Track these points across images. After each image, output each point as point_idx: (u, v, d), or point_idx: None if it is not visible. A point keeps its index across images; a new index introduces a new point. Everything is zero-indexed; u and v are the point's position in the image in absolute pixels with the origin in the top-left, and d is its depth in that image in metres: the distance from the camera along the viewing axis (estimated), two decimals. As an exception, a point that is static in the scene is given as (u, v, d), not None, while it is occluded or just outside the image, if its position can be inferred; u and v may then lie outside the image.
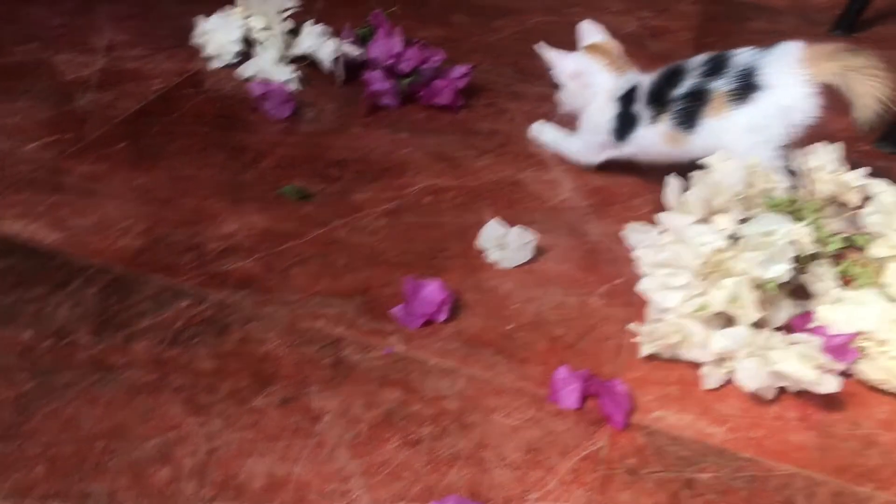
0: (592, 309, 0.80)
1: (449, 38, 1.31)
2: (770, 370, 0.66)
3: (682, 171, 0.83)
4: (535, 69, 1.03)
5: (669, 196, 0.77)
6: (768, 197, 0.76)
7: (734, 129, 0.86)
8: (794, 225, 0.68)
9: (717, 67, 0.87)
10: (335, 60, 1.16)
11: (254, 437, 0.64)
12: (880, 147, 1.10)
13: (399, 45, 1.13)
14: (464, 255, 0.86)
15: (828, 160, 0.81)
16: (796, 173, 0.83)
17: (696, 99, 0.87)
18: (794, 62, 0.84)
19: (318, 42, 1.17)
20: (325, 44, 1.16)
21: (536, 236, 0.86)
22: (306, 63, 1.18)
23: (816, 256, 0.72)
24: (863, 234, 0.75)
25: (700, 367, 0.72)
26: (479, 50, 1.29)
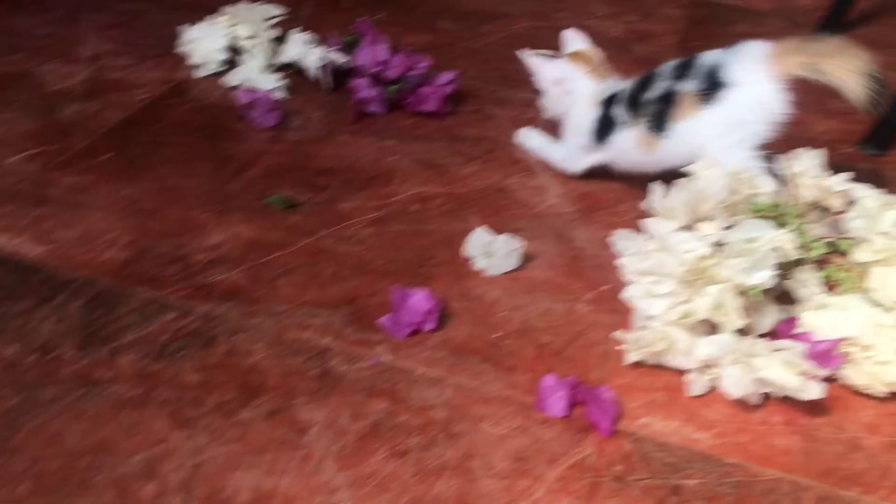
0: (579, 315, 0.81)
1: (435, 44, 1.31)
2: (754, 377, 0.66)
3: (667, 178, 0.84)
4: (521, 75, 1.03)
5: (654, 203, 0.78)
6: (752, 202, 0.77)
7: (704, 129, 0.85)
8: (776, 231, 0.68)
9: (685, 69, 0.87)
10: (322, 68, 1.16)
11: (240, 451, 0.64)
12: (863, 149, 1.10)
13: (385, 52, 1.13)
14: (451, 262, 0.86)
15: (811, 165, 0.81)
16: (781, 177, 0.83)
17: (665, 102, 0.87)
18: (758, 60, 0.83)
19: (304, 50, 1.17)
20: (312, 51, 1.16)
21: (523, 243, 0.86)
22: (293, 71, 1.18)
23: (800, 262, 0.72)
24: (846, 238, 0.75)
25: (686, 373, 0.72)
26: (465, 56, 1.29)
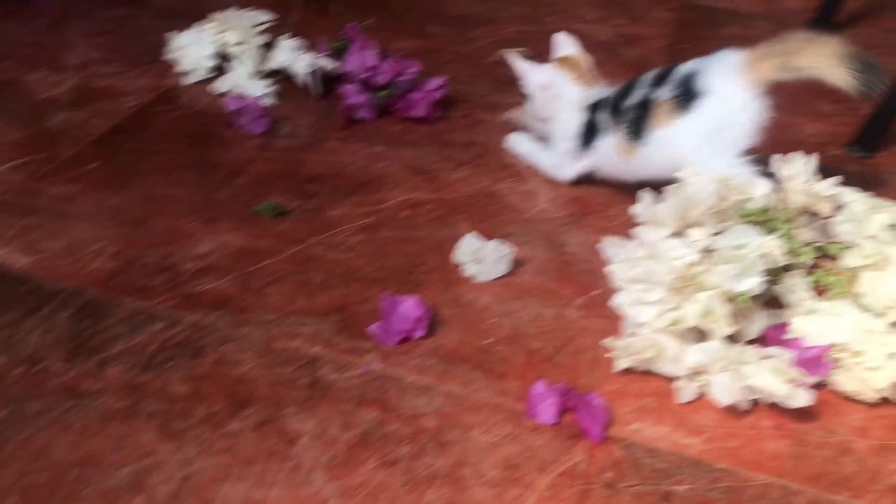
0: (570, 321, 0.80)
1: (425, 49, 1.31)
2: (743, 384, 0.66)
3: (656, 185, 0.84)
4: (510, 79, 1.03)
5: (643, 210, 0.78)
6: (741, 208, 0.77)
7: (682, 139, 0.86)
8: (765, 237, 0.68)
9: (663, 78, 0.88)
10: (311, 74, 1.15)
11: (229, 462, 0.64)
12: (850, 151, 1.11)
13: (374, 57, 1.13)
14: (441, 269, 0.86)
15: (802, 170, 0.81)
16: (773, 179, 0.83)
17: (642, 109, 0.88)
18: (733, 68, 0.84)
19: (293, 56, 1.17)
20: (301, 58, 1.16)
21: (513, 249, 0.86)
22: (281, 77, 1.18)
23: (790, 268, 0.72)
24: (835, 243, 0.75)
25: (675, 380, 0.72)
26: (455, 60, 1.29)
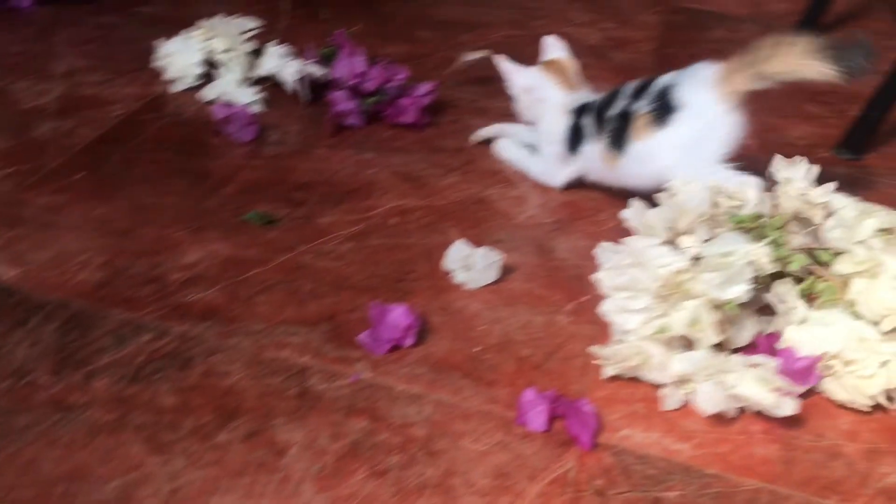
0: (559, 327, 0.80)
1: (414, 55, 1.31)
2: (728, 393, 0.66)
3: (645, 193, 0.84)
4: (499, 84, 1.03)
5: (633, 218, 0.78)
6: (733, 214, 0.77)
7: (661, 152, 0.87)
8: (752, 245, 0.68)
9: (642, 90, 0.89)
10: (299, 81, 1.15)
11: (217, 475, 0.64)
12: (839, 154, 1.11)
13: (362, 64, 1.13)
14: (430, 276, 0.86)
15: (798, 176, 0.81)
16: (766, 183, 0.83)
17: (623, 120, 0.89)
18: (707, 82, 0.85)
19: (281, 63, 1.16)
20: (289, 64, 1.16)
21: (503, 255, 0.86)
22: (270, 84, 1.17)
23: (781, 275, 0.72)
24: (826, 249, 0.75)
25: (662, 387, 0.72)
26: (444, 65, 1.29)
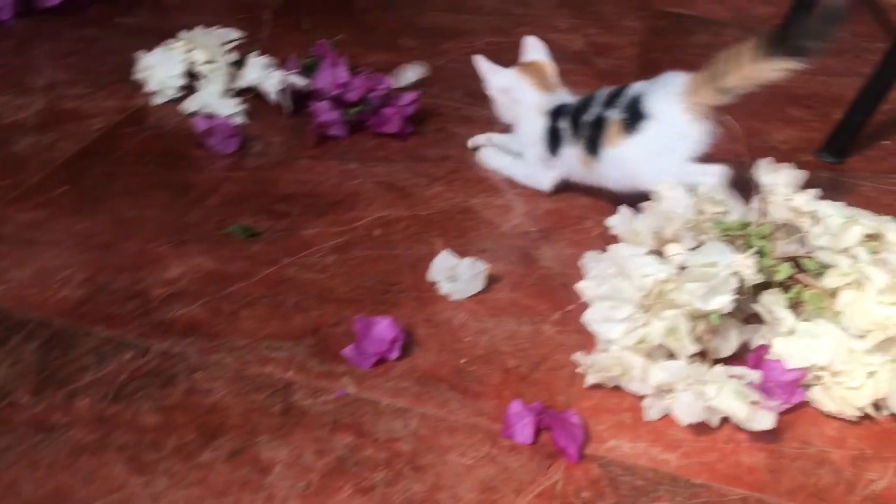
0: (545, 337, 0.80)
1: (397, 63, 1.30)
2: (705, 405, 0.66)
3: (632, 201, 0.84)
4: (483, 91, 1.03)
5: (619, 227, 0.78)
6: (719, 222, 0.77)
7: (630, 158, 0.89)
8: (737, 256, 0.68)
9: (614, 98, 0.91)
10: (281, 92, 1.14)
11: (201, 495, 0.63)
12: (822, 157, 1.12)
13: (345, 74, 1.12)
14: (416, 287, 0.86)
15: (781, 182, 0.81)
16: (755, 188, 0.83)
17: (596, 127, 0.91)
18: (675, 92, 0.86)
19: (263, 74, 1.16)
20: (271, 75, 1.15)
21: (488, 265, 0.86)
22: (252, 95, 1.17)
23: (768, 285, 0.72)
24: (812, 258, 0.75)
25: (644, 397, 0.71)
26: (427, 74, 1.28)
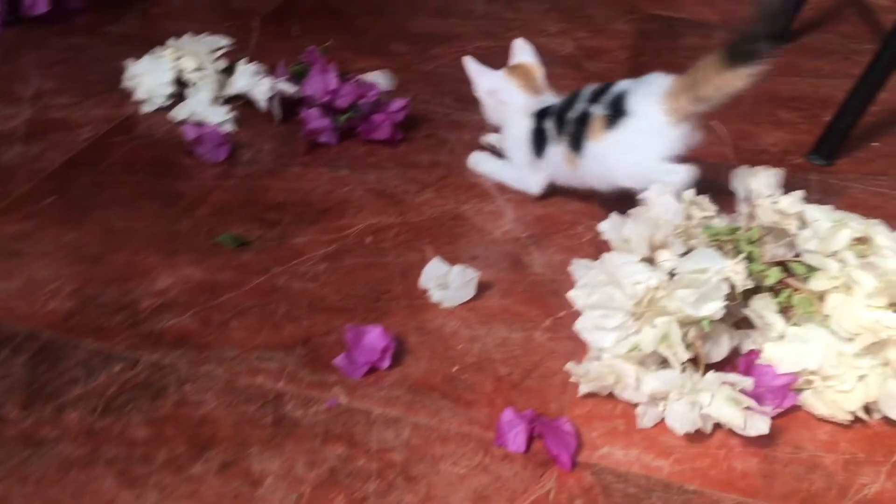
0: (537, 344, 0.80)
1: (387, 69, 1.30)
2: (699, 413, 0.66)
3: (622, 208, 0.84)
4: (473, 96, 1.03)
5: (610, 234, 0.77)
6: (708, 226, 0.77)
7: (610, 153, 0.89)
8: (727, 262, 0.68)
9: (599, 94, 0.91)
10: (271, 99, 1.14)
11: (192, 509, 0.62)
12: (811, 160, 1.12)
13: (335, 80, 1.12)
14: (407, 295, 0.85)
15: (765, 184, 0.81)
16: (744, 193, 0.83)
17: (581, 123, 0.91)
18: (656, 93, 0.86)
19: (252, 81, 1.15)
20: (260, 82, 1.15)
21: (479, 272, 0.85)
22: (241, 103, 1.16)
23: (757, 290, 0.72)
24: (801, 262, 0.75)
25: (637, 405, 0.71)
26: (417, 79, 1.28)
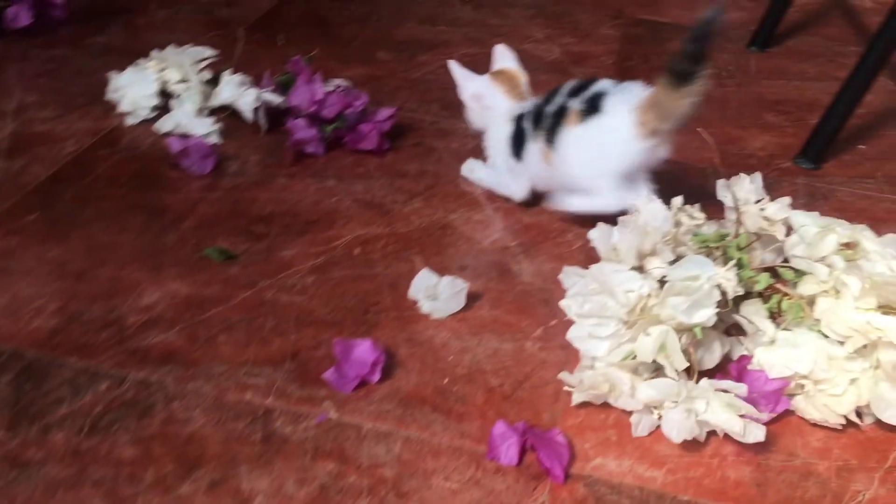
0: (528, 354, 0.80)
1: (373, 77, 1.30)
2: (696, 420, 0.65)
3: (611, 218, 0.84)
4: (460, 104, 1.03)
5: (599, 240, 0.77)
6: (697, 233, 0.77)
7: (575, 147, 0.90)
8: (718, 269, 0.68)
9: (579, 90, 0.91)
10: (256, 110, 1.13)
11: (180, 530, 0.61)
12: (798, 163, 1.12)
13: (321, 90, 1.11)
14: (396, 307, 0.85)
15: (750, 190, 0.81)
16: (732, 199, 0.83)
17: (558, 116, 0.91)
18: (630, 101, 0.87)
19: (237, 92, 1.14)
20: (246, 93, 1.14)
21: (468, 283, 0.85)
22: (227, 114, 1.15)
23: (747, 296, 0.72)
24: (789, 267, 0.75)
25: (632, 413, 0.71)
26: (404, 87, 1.28)
